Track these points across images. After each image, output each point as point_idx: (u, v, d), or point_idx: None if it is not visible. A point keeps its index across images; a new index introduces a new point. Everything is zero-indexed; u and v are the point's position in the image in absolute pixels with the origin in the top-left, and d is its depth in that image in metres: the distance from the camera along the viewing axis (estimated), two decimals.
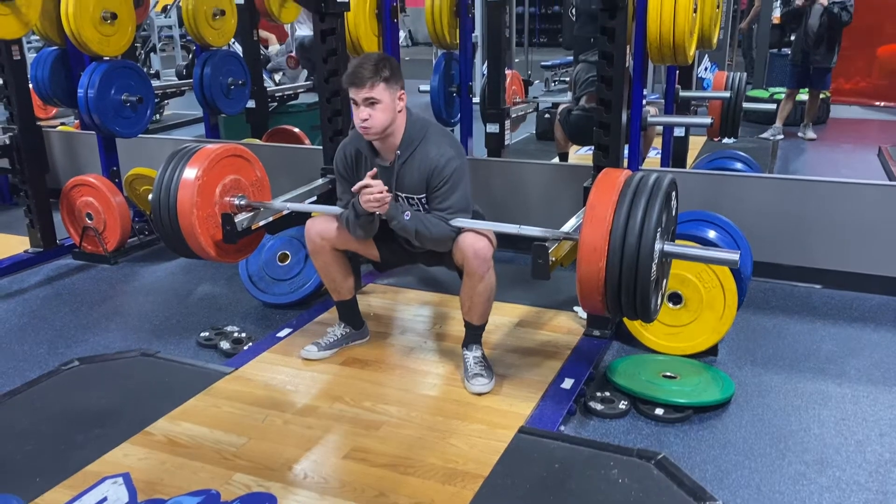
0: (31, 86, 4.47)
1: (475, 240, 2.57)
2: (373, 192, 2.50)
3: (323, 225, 2.80)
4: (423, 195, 2.64)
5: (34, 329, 3.40)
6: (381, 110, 2.49)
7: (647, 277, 2.18)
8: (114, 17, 3.97)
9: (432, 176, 2.57)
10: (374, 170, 2.58)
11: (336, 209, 2.79)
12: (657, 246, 2.20)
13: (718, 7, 3.88)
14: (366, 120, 2.50)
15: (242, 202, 2.83)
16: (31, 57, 5.56)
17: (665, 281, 2.48)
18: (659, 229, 2.19)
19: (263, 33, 8.64)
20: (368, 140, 2.62)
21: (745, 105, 5.14)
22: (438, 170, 2.56)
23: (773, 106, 7.22)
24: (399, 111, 2.56)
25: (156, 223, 2.79)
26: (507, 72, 5.19)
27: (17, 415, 2.60)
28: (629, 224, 2.16)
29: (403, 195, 2.66)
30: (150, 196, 2.79)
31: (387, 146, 2.62)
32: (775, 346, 3.11)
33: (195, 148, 2.79)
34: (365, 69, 2.47)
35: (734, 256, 2.29)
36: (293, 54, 7.71)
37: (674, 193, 2.37)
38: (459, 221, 2.60)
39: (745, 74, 5.08)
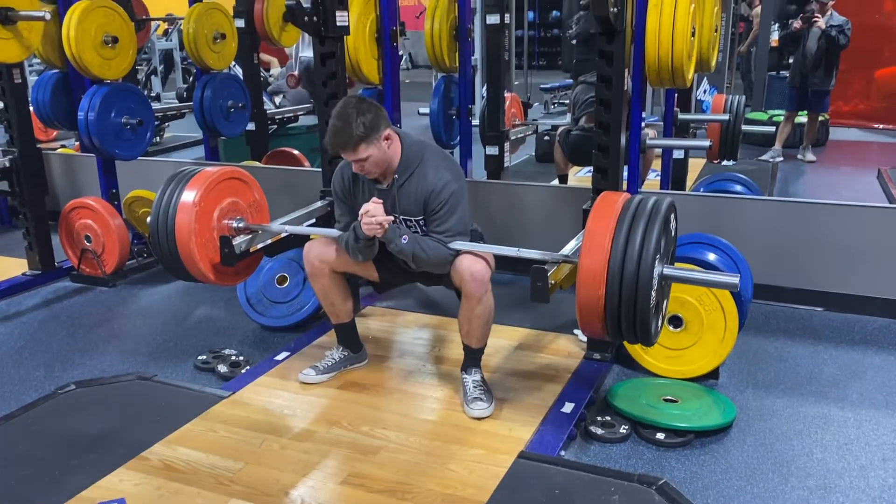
0: (31, 108, 4.49)
1: (472, 262, 2.56)
2: (375, 215, 2.50)
3: (321, 248, 2.79)
4: (421, 217, 2.63)
5: (31, 352, 3.38)
6: (371, 162, 2.53)
7: (646, 302, 2.16)
8: (115, 40, 3.99)
9: (429, 199, 2.57)
10: (379, 200, 2.58)
11: (334, 232, 2.78)
12: (656, 270, 2.19)
13: (716, 31, 3.90)
14: (360, 170, 2.56)
15: (241, 225, 2.82)
16: (32, 80, 5.59)
17: (665, 303, 2.47)
18: (658, 253, 2.19)
19: (266, 57, 8.71)
20: None
21: (744, 127, 5.16)
22: (436, 193, 2.56)
23: (773, 128, 7.25)
24: (389, 148, 2.57)
25: (154, 246, 2.78)
26: (507, 94, 5.21)
27: (12, 439, 2.57)
28: (628, 249, 2.16)
29: (402, 217, 2.66)
30: (148, 219, 2.79)
31: (384, 173, 2.63)
32: (777, 369, 3.09)
33: (193, 171, 2.79)
34: (341, 135, 2.46)
35: (734, 280, 2.28)
36: (294, 73, 7.75)
37: (673, 216, 2.36)
38: (458, 244, 2.59)
39: (743, 97, 5.10)
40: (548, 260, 2.45)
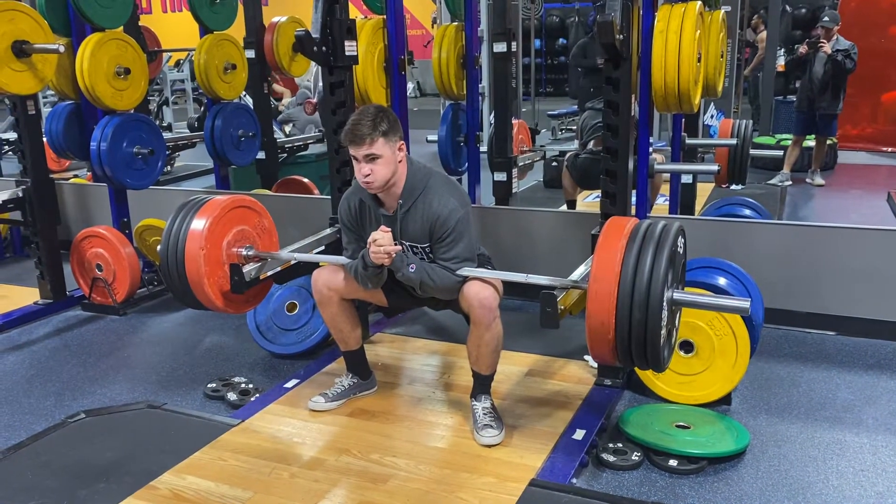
0: (45, 139, 4.54)
1: (480, 289, 2.56)
2: (382, 245, 2.51)
3: (330, 275, 2.80)
4: (427, 245, 2.64)
5: (42, 381, 3.39)
6: (382, 164, 2.52)
7: (656, 328, 2.15)
8: (127, 72, 4.05)
9: (435, 227, 2.58)
10: (387, 228, 2.59)
11: (343, 259, 2.79)
12: (666, 295, 2.18)
13: (722, 56, 3.92)
14: (368, 175, 2.52)
15: (250, 252, 2.84)
16: (46, 111, 5.66)
17: (676, 328, 2.45)
18: (667, 278, 2.18)
19: (279, 88, 8.82)
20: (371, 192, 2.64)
21: (752, 151, 5.16)
22: (441, 221, 2.56)
23: (780, 152, 7.25)
24: (399, 161, 2.58)
25: (164, 274, 2.80)
26: (514, 121, 5.24)
27: (21, 469, 2.57)
28: (637, 274, 2.15)
29: (408, 243, 2.66)
30: (158, 247, 2.81)
31: (389, 196, 2.64)
32: (790, 394, 3.06)
33: (203, 200, 2.81)
34: (363, 126, 2.49)
35: (745, 304, 2.27)
36: (311, 100, 7.84)
37: (681, 240, 2.36)
38: (465, 271, 2.59)
39: (750, 121, 5.11)
40: (556, 286, 2.44)
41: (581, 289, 2.41)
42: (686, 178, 4.97)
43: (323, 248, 3.17)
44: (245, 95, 6.47)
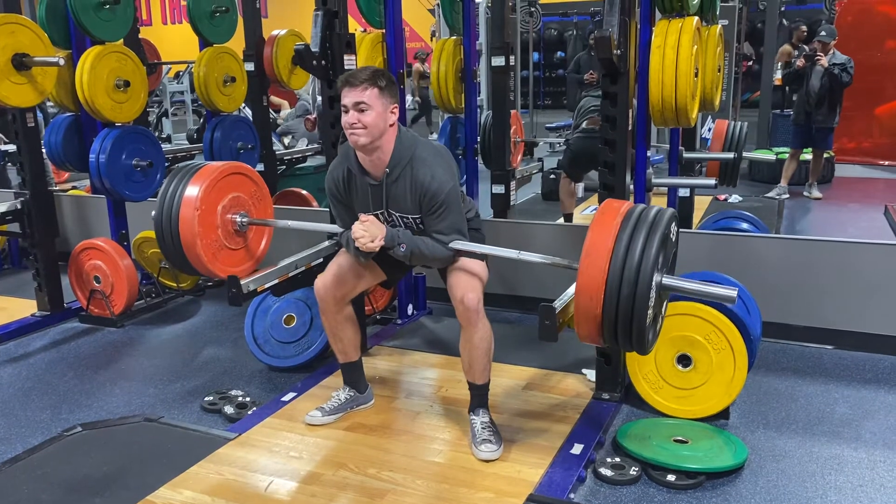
0: (44, 151, 4.55)
1: (466, 290, 2.58)
2: (364, 242, 2.53)
3: (329, 278, 2.79)
4: (418, 216, 2.64)
5: (38, 394, 3.38)
6: (370, 116, 2.48)
7: (643, 310, 2.16)
8: (127, 84, 4.06)
9: (424, 199, 2.57)
10: (367, 218, 2.60)
11: (336, 228, 2.82)
12: (655, 279, 2.18)
13: (720, 70, 3.94)
14: (354, 124, 2.48)
15: (244, 219, 2.86)
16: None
17: (662, 317, 2.44)
18: (658, 263, 2.18)
19: (276, 100, 8.85)
20: (357, 155, 2.61)
21: (745, 154, 5.15)
22: (431, 194, 2.56)
23: (773, 156, 7.31)
24: (391, 125, 2.56)
25: (159, 242, 2.80)
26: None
27: (17, 482, 2.56)
28: (628, 256, 2.16)
29: (398, 214, 2.66)
30: (153, 213, 2.80)
31: (375, 163, 2.60)
32: (788, 408, 3.06)
33: (199, 164, 2.82)
34: (362, 73, 2.51)
35: (731, 293, 2.28)
36: (310, 117, 7.87)
37: (674, 227, 2.35)
38: (457, 244, 2.61)
39: (745, 124, 5.11)
40: (548, 263, 2.46)
41: (572, 269, 2.40)
42: (683, 192, 4.98)
43: (321, 260, 3.17)
44: (244, 108, 6.50)
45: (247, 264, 2.97)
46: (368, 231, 2.55)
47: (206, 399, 3.20)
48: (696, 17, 3.12)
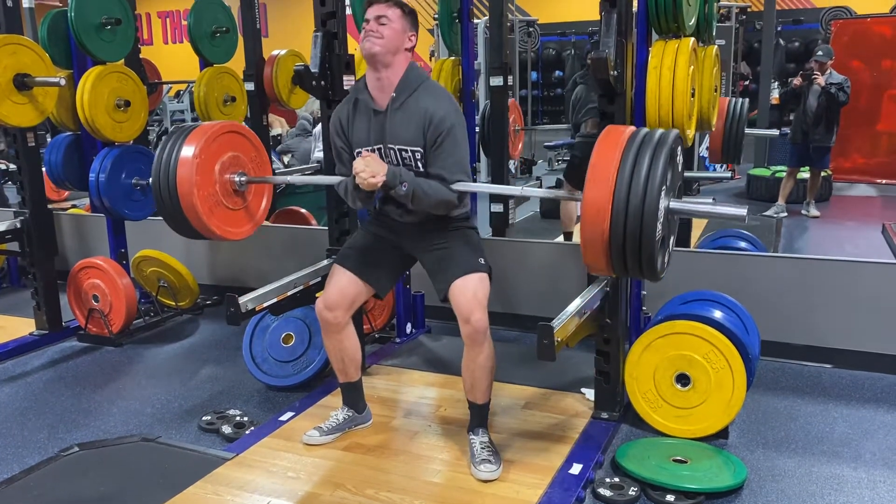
0: (44, 169, 4.56)
1: (473, 309, 2.54)
2: (365, 176, 2.47)
3: (329, 296, 2.77)
4: (419, 148, 2.58)
5: (35, 413, 3.37)
6: (389, 30, 2.53)
7: (652, 235, 2.12)
8: (127, 104, 4.09)
9: (429, 127, 2.54)
10: (367, 155, 2.58)
11: (335, 179, 2.78)
12: (662, 202, 2.14)
13: (716, 90, 3.97)
14: (372, 31, 2.53)
15: (243, 178, 2.85)
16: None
17: (672, 239, 2.40)
18: (664, 185, 2.14)
19: (270, 118, 8.87)
20: (366, 83, 2.63)
21: (747, 130, 5.14)
22: (436, 122, 2.53)
23: (776, 132, 7.36)
24: (406, 49, 2.60)
25: (157, 203, 2.77)
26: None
27: (13, 503, 2.54)
28: (633, 181, 2.12)
29: (397, 147, 2.60)
30: (150, 179, 2.77)
31: (383, 83, 2.60)
32: (787, 428, 3.05)
33: (196, 124, 2.81)
34: None
35: (741, 212, 2.26)
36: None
37: (679, 149, 2.32)
38: (461, 186, 2.58)
39: (746, 100, 5.09)
40: (551, 197, 2.45)
41: (576, 199, 2.36)
42: None
43: (319, 279, 3.18)
44: None
45: (246, 226, 2.93)
46: (370, 166, 2.48)
47: (203, 419, 3.19)
48: (693, 38, 3.14)
